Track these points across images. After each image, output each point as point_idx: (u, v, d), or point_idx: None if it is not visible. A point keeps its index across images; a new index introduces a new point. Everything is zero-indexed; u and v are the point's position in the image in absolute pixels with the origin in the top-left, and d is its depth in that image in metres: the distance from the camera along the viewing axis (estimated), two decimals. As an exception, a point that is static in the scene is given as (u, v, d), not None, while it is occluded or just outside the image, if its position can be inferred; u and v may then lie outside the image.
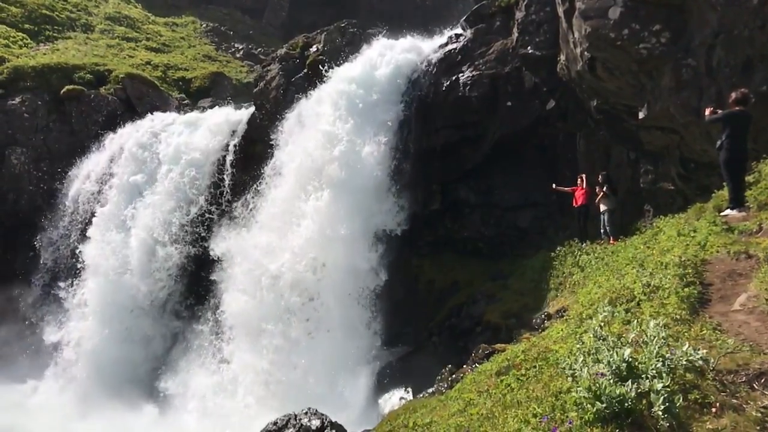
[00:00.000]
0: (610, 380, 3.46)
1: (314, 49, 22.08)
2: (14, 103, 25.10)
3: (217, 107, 25.49)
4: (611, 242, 12.86)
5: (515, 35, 16.30)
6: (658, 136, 12.51)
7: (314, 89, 19.00)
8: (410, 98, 17.64)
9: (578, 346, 4.77)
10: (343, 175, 16.39)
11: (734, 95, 8.84)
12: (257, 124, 21.42)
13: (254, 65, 35.46)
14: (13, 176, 24.35)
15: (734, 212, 8.30)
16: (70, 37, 33.93)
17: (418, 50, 18.81)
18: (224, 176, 21.12)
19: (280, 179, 18.08)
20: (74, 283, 21.98)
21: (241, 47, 39.83)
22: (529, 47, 15.57)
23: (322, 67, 19.78)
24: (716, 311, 5.10)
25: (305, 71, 21.26)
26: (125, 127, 24.41)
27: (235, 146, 21.50)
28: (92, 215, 22.43)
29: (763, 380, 3.57)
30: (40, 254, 23.70)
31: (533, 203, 16.64)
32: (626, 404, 3.30)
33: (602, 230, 13.54)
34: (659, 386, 3.30)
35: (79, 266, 21.75)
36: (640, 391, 3.36)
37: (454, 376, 10.63)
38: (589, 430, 3.33)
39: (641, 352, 3.81)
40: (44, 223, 24.04)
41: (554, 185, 14.93)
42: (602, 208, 13.60)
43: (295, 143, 18.27)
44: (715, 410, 3.34)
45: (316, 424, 9.82)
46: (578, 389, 3.54)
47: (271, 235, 17.22)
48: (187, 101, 29.12)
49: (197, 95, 30.45)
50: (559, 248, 13.76)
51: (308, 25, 36.36)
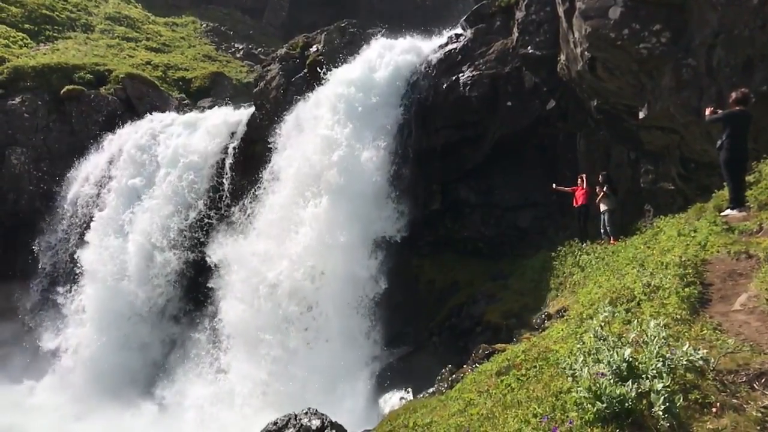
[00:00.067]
0: (610, 380, 3.46)
1: (314, 49, 22.07)
2: (14, 103, 25.12)
3: (216, 107, 25.41)
4: (611, 242, 12.85)
5: (515, 35, 16.29)
6: (658, 136, 12.51)
7: (313, 90, 18.79)
8: (409, 101, 17.46)
9: (578, 346, 4.77)
10: (342, 181, 16.15)
11: (734, 95, 8.83)
12: (257, 124, 21.42)
13: (254, 65, 35.50)
14: (13, 176, 24.36)
15: (735, 212, 8.30)
16: (70, 37, 33.96)
17: (417, 51, 18.63)
18: (223, 180, 20.84)
19: (278, 185, 17.84)
20: (72, 288, 21.77)
21: (241, 47, 39.85)
22: (529, 47, 15.56)
23: (320, 69, 19.54)
24: (717, 311, 5.10)
25: (305, 71, 21.23)
26: (124, 127, 24.29)
27: (234, 149, 21.20)
28: (90, 219, 22.24)
29: (763, 380, 3.57)
30: (39, 258, 23.53)
31: (533, 203, 16.62)
32: (626, 404, 3.29)
33: (602, 230, 13.53)
34: (659, 386, 3.30)
35: (77, 271, 21.52)
36: (640, 391, 3.36)
37: (454, 376, 10.62)
38: (589, 430, 3.33)
39: (641, 352, 3.80)
40: (43, 226, 23.92)
41: (554, 185, 14.91)
42: (602, 208, 13.59)
43: (293, 147, 18.02)
44: (715, 410, 3.34)
45: (316, 424, 9.82)
46: (578, 389, 3.54)
47: (268, 242, 16.95)
48: (187, 101, 29.14)
49: (197, 95, 30.49)
50: (559, 248, 13.74)
51: (308, 25, 36.38)
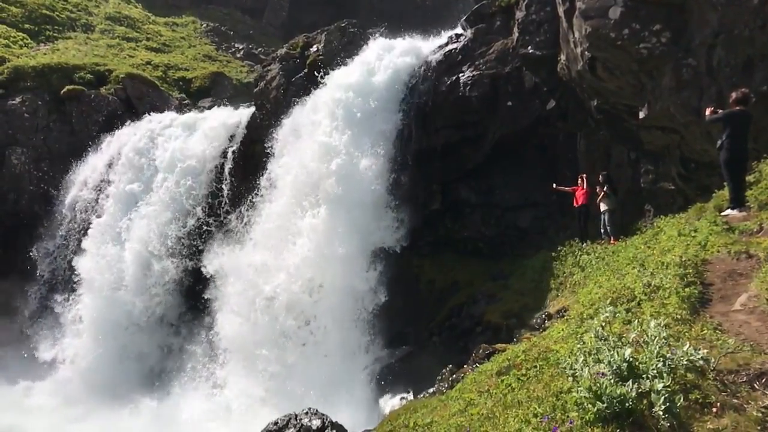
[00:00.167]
0: (610, 380, 3.46)
1: (314, 49, 22.06)
2: (14, 103, 25.10)
3: (215, 108, 25.27)
4: (612, 242, 12.85)
5: (515, 35, 16.29)
6: (658, 135, 12.51)
7: (311, 94, 18.49)
8: (408, 106, 17.19)
9: (579, 346, 4.77)
10: (340, 190, 15.76)
11: (735, 95, 8.84)
12: (257, 124, 21.40)
13: (254, 65, 35.47)
14: (13, 176, 24.32)
15: (735, 212, 8.30)
16: (70, 37, 33.94)
17: (416, 52, 18.37)
18: (223, 185, 20.34)
19: (275, 193, 17.47)
20: (70, 297, 21.39)
21: (241, 47, 39.84)
22: (529, 47, 15.56)
23: (317, 73, 19.22)
24: (717, 311, 5.10)
25: (305, 71, 21.22)
26: (123, 128, 24.04)
27: (233, 152, 20.73)
28: (88, 225, 21.82)
29: (763, 380, 3.57)
30: (37, 265, 23.22)
31: (533, 203, 16.62)
32: (627, 404, 3.29)
33: (602, 230, 13.54)
34: (660, 386, 3.30)
35: (75, 279, 21.12)
36: (640, 391, 3.36)
37: (454, 376, 10.62)
38: (589, 430, 3.33)
39: (642, 352, 3.80)
40: (41, 231, 23.65)
41: (554, 185, 14.91)
42: (603, 207, 13.60)
43: (290, 154, 17.65)
44: (715, 410, 3.34)
45: (316, 424, 9.82)
46: (579, 389, 3.54)
47: (265, 253, 16.54)
48: (187, 101, 29.11)
49: (197, 95, 30.46)
50: (559, 248, 13.74)
51: (308, 25, 36.36)
